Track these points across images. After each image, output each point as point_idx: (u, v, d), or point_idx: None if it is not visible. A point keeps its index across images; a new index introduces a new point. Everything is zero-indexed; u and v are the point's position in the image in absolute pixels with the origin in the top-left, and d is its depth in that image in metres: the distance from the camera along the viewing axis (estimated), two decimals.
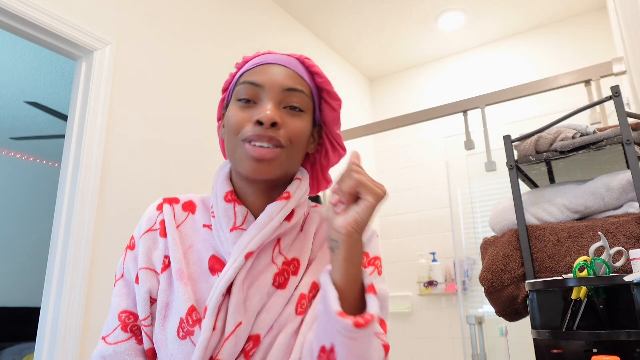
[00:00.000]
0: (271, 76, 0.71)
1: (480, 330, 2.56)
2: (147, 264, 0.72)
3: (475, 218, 2.95)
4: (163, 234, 0.74)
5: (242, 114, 0.70)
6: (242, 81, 0.72)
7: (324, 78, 0.76)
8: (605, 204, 1.24)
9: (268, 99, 0.70)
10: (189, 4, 2.38)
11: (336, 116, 0.79)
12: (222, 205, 0.72)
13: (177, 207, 0.77)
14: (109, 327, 0.71)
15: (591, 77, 2.07)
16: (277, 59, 0.74)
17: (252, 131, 0.68)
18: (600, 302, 1.01)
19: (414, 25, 3.27)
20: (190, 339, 0.65)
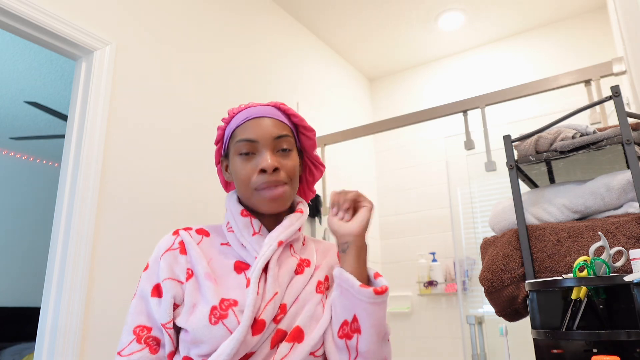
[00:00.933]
0: (262, 130, 0.88)
1: (480, 330, 2.56)
2: (170, 275, 0.85)
3: (475, 218, 2.95)
4: (183, 252, 0.88)
5: (247, 166, 0.88)
6: (238, 139, 0.89)
7: (298, 117, 0.95)
8: (605, 204, 1.24)
9: (264, 150, 0.88)
10: (189, 4, 2.38)
11: (312, 143, 0.99)
12: (240, 220, 0.90)
13: (192, 232, 0.92)
14: (123, 341, 0.82)
15: (591, 77, 2.07)
16: (260, 112, 0.91)
17: (259, 180, 0.86)
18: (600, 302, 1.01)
19: (414, 25, 3.27)
20: (222, 323, 0.78)
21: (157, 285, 0.85)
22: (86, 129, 1.78)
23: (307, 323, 0.83)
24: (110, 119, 1.89)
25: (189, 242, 0.89)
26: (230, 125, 0.93)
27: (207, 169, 2.26)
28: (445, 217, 3.24)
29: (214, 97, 2.39)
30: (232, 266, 0.88)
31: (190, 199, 2.14)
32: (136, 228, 1.89)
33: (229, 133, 0.93)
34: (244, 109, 0.94)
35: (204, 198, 2.21)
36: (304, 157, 1.01)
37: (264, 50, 2.81)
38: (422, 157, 3.52)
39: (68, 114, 1.87)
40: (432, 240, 3.30)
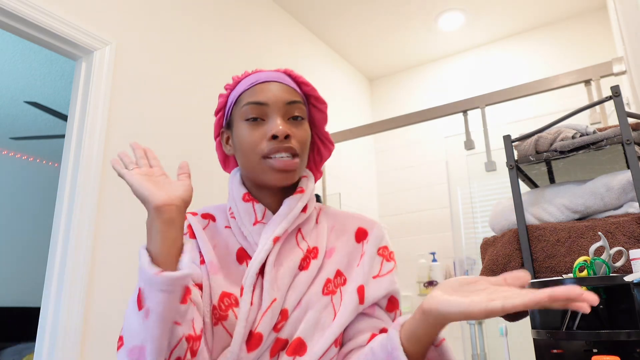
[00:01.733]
0: (272, 93, 0.79)
1: (480, 330, 2.56)
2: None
3: (475, 218, 2.95)
4: (192, 236, 0.81)
5: (254, 132, 0.79)
6: (245, 102, 0.80)
7: (310, 86, 0.86)
8: (605, 204, 1.24)
9: (275, 115, 0.79)
10: (189, 4, 2.38)
11: (324, 117, 0.89)
12: (242, 205, 0.82)
13: (197, 217, 0.85)
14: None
15: (591, 77, 2.07)
16: (270, 77, 0.82)
17: (269, 147, 0.77)
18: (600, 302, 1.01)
19: (414, 25, 3.27)
20: (222, 325, 0.72)
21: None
22: (86, 129, 1.78)
23: (310, 333, 0.73)
24: (110, 119, 1.89)
25: (196, 226, 0.83)
26: (236, 90, 0.84)
27: (208, 169, 2.26)
28: (445, 217, 3.24)
29: (214, 97, 2.39)
30: (234, 254, 0.80)
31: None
32: (136, 228, 1.89)
33: (233, 99, 0.84)
34: (250, 74, 0.85)
35: (204, 198, 2.21)
36: (312, 133, 0.90)
37: (264, 50, 2.81)
38: (422, 157, 3.52)
39: (68, 114, 1.86)
40: (432, 240, 3.30)
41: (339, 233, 0.85)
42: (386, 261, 0.84)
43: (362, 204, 3.42)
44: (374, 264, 0.82)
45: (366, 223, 0.87)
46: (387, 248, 0.86)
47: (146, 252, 0.64)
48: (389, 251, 0.86)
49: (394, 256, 0.87)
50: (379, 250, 0.84)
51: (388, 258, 0.84)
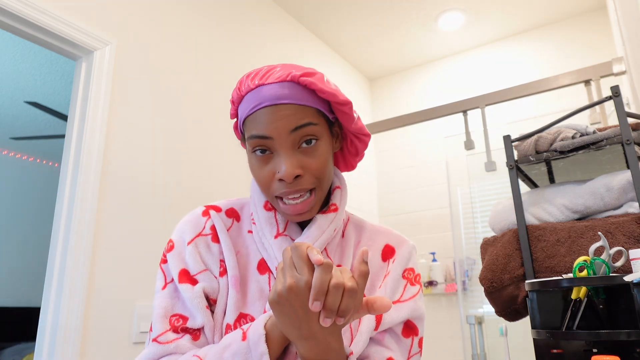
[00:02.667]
0: (276, 122, 0.69)
1: (480, 330, 2.56)
2: (203, 267, 0.74)
3: (475, 218, 2.95)
4: (215, 239, 0.76)
5: (263, 169, 0.72)
6: (250, 134, 0.72)
7: (327, 92, 0.72)
8: (605, 204, 1.24)
9: (282, 149, 0.70)
10: (189, 4, 2.38)
11: (350, 116, 0.78)
12: (262, 214, 0.77)
13: (222, 215, 0.79)
14: (158, 328, 0.70)
15: (591, 77, 2.07)
16: (274, 98, 0.70)
17: (278, 189, 0.71)
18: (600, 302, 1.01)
19: (414, 25, 3.27)
20: None
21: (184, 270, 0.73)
22: (86, 129, 1.79)
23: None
24: (110, 119, 1.89)
25: (221, 228, 0.76)
26: (241, 108, 0.75)
27: (208, 168, 2.26)
28: (445, 217, 3.24)
29: (214, 96, 2.39)
30: (256, 263, 0.75)
31: (191, 199, 2.14)
32: (136, 228, 1.89)
33: (240, 118, 0.76)
34: (252, 88, 0.72)
35: (205, 197, 2.21)
36: (342, 131, 0.82)
37: (264, 50, 2.82)
38: (422, 157, 3.52)
39: (68, 114, 1.86)
40: (432, 240, 3.30)
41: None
42: (410, 285, 0.79)
43: (362, 204, 3.42)
44: (398, 287, 0.78)
45: (395, 240, 0.83)
46: (414, 270, 0.81)
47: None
48: (415, 274, 0.81)
49: (420, 279, 0.82)
50: (404, 273, 0.79)
51: (413, 282, 0.79)
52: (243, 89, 0.74)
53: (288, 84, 0.71)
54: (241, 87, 0.74)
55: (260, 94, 0.71)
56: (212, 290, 0.73)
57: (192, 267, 0.73)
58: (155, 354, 0.68)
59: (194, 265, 0.73)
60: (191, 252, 0.74)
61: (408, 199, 3.49)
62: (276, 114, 0.70)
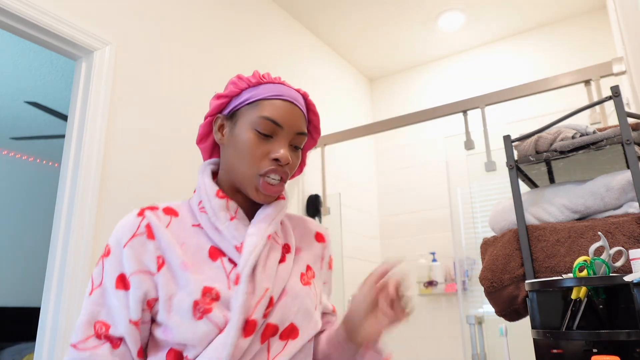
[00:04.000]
0: (290, 119, 0.82)
1: (480, 330, 2.56)
2: (139, 267, 0.76)
3: (475, 218, 2.95)
4: (151, 237, 0.78)
5: (260, 147, 0.81)
6: (264, 114, 0.81)
7: (317, 115, 0.91)
8: (605, 204, 1.24)
9: (284, 140, 0.82)
10: (189, 4, 2.38)
11: (313, 144, 0.96)
12: (216, 202, 0.82)
13: (159, 212, 0.82)
14: (81, 334, 0.74)
15: (591, 77, 2.07)
16: (292, 97, 0.85)
17: (268, 166, 0.81)
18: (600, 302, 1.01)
19: (414, 25, 3.27)
20: (207, 318, 0.73)
21: (122, 275, 0.76)
22: (86, 129, 1.78)
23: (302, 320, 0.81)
24: (110, 119, 1.89)
25: (157, 225, 0.80)
26: (257, 91, 0.84)
27: None
28: (445, 217, 3.24)
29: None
30: (206, 252, 0.80)
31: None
32: None
33: (250, 97, 0.84)
34: (277, 82, 0.86)
35: None
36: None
37: (264, 50, 2.81)
38: (422, 157, 3.52)
39: (68, 114, 1.86)
40: (432, 240, 3.30)
41: (301, 233, 0.95)
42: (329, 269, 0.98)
43: (362, 204, 3.42)
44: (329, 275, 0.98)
45: (320, 228, 0.99)
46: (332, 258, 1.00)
47: None
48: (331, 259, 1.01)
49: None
50: (330, 262, 0.98)
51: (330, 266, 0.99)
52: (265, 79, 0.86)
53: (301, 97, 0.88)
54: (262, 76, 0.86)
55: (284, 90, 0.85)
56: (150, 290, 0.76)
57: (128, 269, 0.76)
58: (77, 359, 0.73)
59: (129, 266, 0.76)
60: (127, 255, 0.77)
61: (408, 199, 3.49)
62: (293, 112, 0.83)
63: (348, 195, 3.24)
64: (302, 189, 2.84)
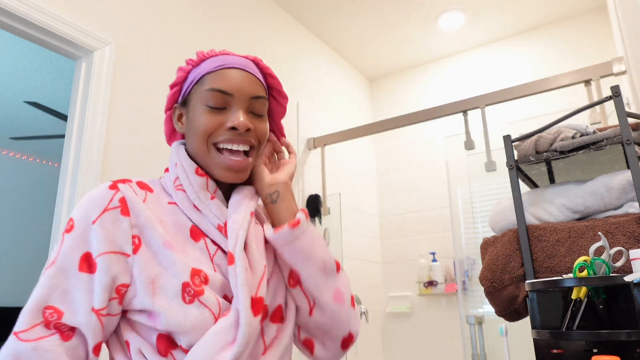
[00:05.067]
0: (239, 85, 0.77)
1: (480, 330, 2.56)
2: (110, 248, 0.66)
3: (475, 218, 2.95)
4: (125, 212, 0.69)
5: (212, 119, 0.76)
6: (209, 87, 0.76)
7: (276, 79, 0.85)
8: (605, 204, 1.24)
9: (237, 107, 0.77)
10: (189, 4, 2.38)
11: (283, 111, 0.90)
12: (195, 180, 0.76)
13: (133, 185, 0.74)
14: (26, 321, 0.64)
15: (591, 77, 2.07)
16: (238, 63, 0.79)
17: (225, 136, 0.75)
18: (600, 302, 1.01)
19: (414, 25, 3.27)
20: (198, 300, 0.66)
21: (87, 254, 0.66)
22: (86, 129, 1.78)
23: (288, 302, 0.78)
24: (110, 119, 1.89)
25: (133, 199, 0.71)
26: (200, 68, 0.80)
27: None
28: (445, 217, 3.24)
29: None
30: (187, 231, 0.74)
31: None
32: None
33: (195, 77, 0.80)
34: (217, 54, 0.81)
35: None
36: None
37: (264, 50, 2.82)
38: (422, 157, 3.52)
39: (68, 114, 1.86)
40: (432, 240, 3.30)
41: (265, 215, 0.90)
42: None
43: (362, 204, 3.42)
44: None
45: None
46: None
47: None
48: None
49: None
50: None
51: None
52: (206, 54, 0.81)
53: (250, 62, 0.82)
54: (203, 53, 0.82)
55: (228, 59, 0.80)
56: (119, 274, 0.66)
57: (96, 249, 0.66)
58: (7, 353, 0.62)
59: (98, 246, 0.66)
60: (96, 232, 0.67)
61: (408, 199, 3.49)
62: (241, 78, 0.78)
63: (348, 195, 3.24)
64: (302, 189, 2.84)
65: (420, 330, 3.21)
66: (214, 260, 0.73)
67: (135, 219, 0.70)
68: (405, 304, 3.29)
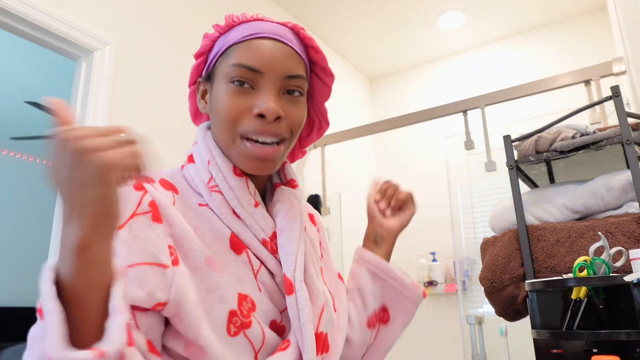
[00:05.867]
0: (271, 60, 0.63)
1: (480, 330, 2.56)
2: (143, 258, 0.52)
3: (475, 218, 2.95)
4: (157, 219, 0.56)
5: (237, 101, 0.62)
6: (234, 62, 0.63)
7: (320, 53, 0.70)
8: (605, 204, 1.24)
9: (269, 87, 0.63)
10: (189, 4, 2.38)
11: (327, 92, 0.75)
12: (235, 181, 0.64)
13: (157, 186, 0.61)
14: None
15: (591, 77, 2.07)
16: (272, 32, 0.65)
17: (252, 126, 0.62)
18: (600, 302, 1.01)
19: (414, 25, 3.27)
20: (244, 334, 0.56)
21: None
22: None
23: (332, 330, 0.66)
24: (110, 119, 1.89)
25: (164, 204, 0.57)
26: (228, 36, 0.67)
27: None
28: (445, 217, 3.24)
29: None
30: (227, 242, 0.61)
31: None
32: None
33: (221, 47, 0.67)
34: (249, 20, 0.67)
35: None
36: (307, 107, 0.73)
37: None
38: (422, 157, 3.51)
39: None
40: (432, 240, 3.30)
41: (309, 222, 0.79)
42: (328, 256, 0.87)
43: (362, 204, 3.42)
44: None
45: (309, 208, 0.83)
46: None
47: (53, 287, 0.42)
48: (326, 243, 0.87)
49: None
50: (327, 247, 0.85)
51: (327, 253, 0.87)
52: (236, 19, 0.67)
53: (288, 30, 0.67)
54: (233, 18, 0.68)
55: (260, 26, 0.65)
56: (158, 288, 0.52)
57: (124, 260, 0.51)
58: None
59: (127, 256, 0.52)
60: (124, 239, 0.52)
61: None
62: (273, 50, 0.64)
63: (348, 195, 3.24)
64: (302, 189, 2.84)
65: (420, 330, 3.21)
66: (258, 278, 0.62)
67: (169, 228, 0.56)
68: None
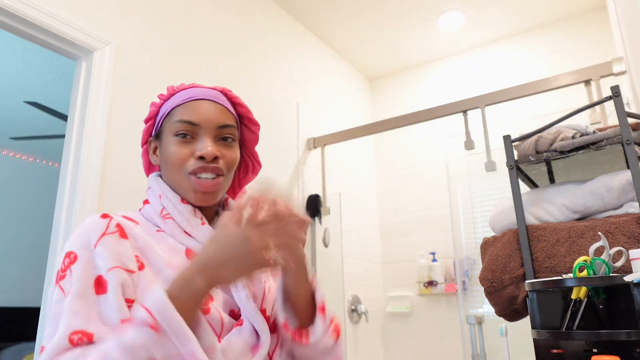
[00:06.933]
0: (205, 115, 0.81)
1: (480, 330, 2.56)
2: (117, 264, 0.68)
3: (475, 218, 2.95)
4: (124, 236, 0.73)
5: (182, 149, 0.80)
6: (177, 119, 0.81)
7: (245, 107, 0.89)
8: (605, 204, 1.24)
9: (205, 136, 0.80)
10: (189, 4, 2.38)
11: (255, 138, 0.92)
12: (183, 208, 0.81)
13: (119, 218, 0.77)
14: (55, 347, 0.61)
15: (591, 77, 2.07)
16: (205, 95, 0.83)
17: (195, 165, 0.79)
18: (600, 302, 1.01)
19: (414, 25, 3.27)
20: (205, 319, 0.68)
21: (99, 277, 0.67)
22: (86, 129, 1.78)
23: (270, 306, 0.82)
24: (110, 119, 1.89)
25: (128, 225, 0.75)
26: (169, 102, 0.84)
27: None
28: (445, 217, 3.24)
29: None
30: (183, 254, 0.77)
31: None
32: None
33: (165, 111, 0.84)
34: (186, 87, 0.86)
35: None
36: (241, 152, 0.92)
37: (264, 51, 2.81)
38: (422, 157, 3.51)
39: (68, 114, 1.86)
40: (432, 240, 3.30)
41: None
42: None
43: (362, 204, 3.42)
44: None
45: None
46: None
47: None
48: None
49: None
50: None
51: None
52: (176, 88, 0.86)
53: (218, 92, 0.86)
54: (173, 88, 0.86)
55: (196, 91, 0.84)
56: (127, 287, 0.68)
57: (103, 267, 0.67)
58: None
59: (105, 263, 0.68)
60: (101, 253, 0.69)
61: (408, 199, 3.49)
62: (207, 108, 0.82)
63: (348, 195, 3.24)
64: (302, 189, 2.84)
65: (420, 330, 3.21)
66: None
67: (134, 242, 0.73)
68: (405, 304, 3.29)
